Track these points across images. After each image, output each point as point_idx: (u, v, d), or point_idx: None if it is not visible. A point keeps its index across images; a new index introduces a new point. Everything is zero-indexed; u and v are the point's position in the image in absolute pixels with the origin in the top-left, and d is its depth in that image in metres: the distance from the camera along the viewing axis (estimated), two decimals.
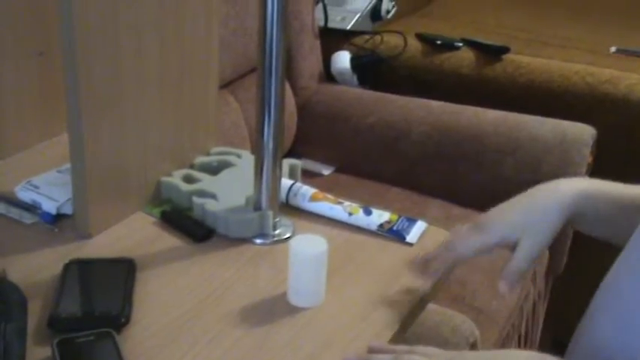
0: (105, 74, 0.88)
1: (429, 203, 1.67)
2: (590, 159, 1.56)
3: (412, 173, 1.74)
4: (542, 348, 1.69)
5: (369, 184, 1.74)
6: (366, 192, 1.69)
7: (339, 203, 1.00)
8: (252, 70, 1.62)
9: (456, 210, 1.64)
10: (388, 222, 0.97)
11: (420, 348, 0.77)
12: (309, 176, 1.71)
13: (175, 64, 0.98)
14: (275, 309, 0.82)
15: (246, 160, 1.06)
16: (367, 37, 1.94)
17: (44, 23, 1.06)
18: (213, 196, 0.97)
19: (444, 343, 1.11)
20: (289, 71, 1.81)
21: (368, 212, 0.98)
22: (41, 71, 1.09)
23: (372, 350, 0.77)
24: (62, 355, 0.71)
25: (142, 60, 0.93)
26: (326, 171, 1.81)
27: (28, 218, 0.95)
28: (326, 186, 1.04)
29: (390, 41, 1.93)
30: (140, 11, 0.90)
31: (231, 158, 1.07)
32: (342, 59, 1.88)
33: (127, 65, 0.91)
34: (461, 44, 1.89)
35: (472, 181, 1.68)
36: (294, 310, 0.82)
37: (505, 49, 1.83)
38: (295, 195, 1.00)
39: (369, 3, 1.96)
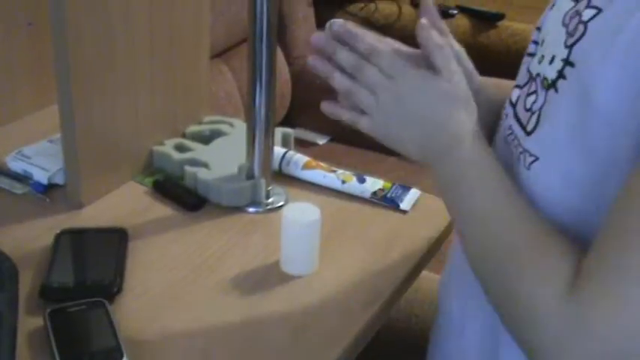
0: (94, 43, 0.87)
1: (425, 173, 1.65)
2: None
3: None
4: None
5: (365, 154, 1.74)
6: (362, 161, 1.69)
7: (333, 171, 0.99)
8: (246, 40, 1.61)
9: None
10: (382, 189, 0.97)
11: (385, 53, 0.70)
12: (304, 146, 1.70)
13: (165, 32, 0.97)
14: (268, 277, 0.82)
15: (238, 129, 1.05)
16: (361, 4, 1.92)
17: None
18: (205, 165, 0.97)
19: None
20: (283, 40, 1.79)
21: (361, 180, 0.98)
22: (31, 42, 1.07)
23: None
24: (54, 324, 0.71)
25: (132, 28, 0.91)
26: (321, 140, 1.80)
27: (19, 188, 0.94)
28: (321, 156, 1.03)
29: (385, 9, 1.92)
30: None
31: (224, 127, 1.06)
32: None
33: (117, 34, 0.89)
34: (456, 11, 1.87)
35: None
36: (287, 278, 0.82)
37: (500, 16, 1.82)
38: (288, 163, 1.00)
39: None
